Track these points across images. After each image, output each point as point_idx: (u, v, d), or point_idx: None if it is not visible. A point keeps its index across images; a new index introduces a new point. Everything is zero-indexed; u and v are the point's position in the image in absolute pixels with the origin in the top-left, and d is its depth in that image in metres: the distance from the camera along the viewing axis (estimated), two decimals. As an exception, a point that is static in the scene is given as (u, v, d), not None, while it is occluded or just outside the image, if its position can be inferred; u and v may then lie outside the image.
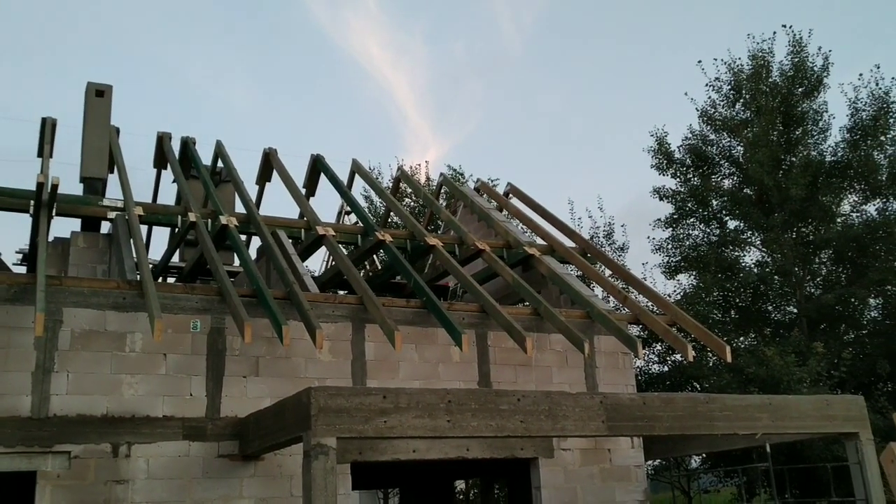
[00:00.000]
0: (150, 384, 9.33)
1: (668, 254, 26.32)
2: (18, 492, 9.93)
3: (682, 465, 24.16)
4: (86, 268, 12.39)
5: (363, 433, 7.57)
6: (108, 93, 13.15)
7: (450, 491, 18.47)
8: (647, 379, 24.11)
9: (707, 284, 23.69)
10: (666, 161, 26.72)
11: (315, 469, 7.18)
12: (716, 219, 26.17)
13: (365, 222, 13.56)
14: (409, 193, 28.67)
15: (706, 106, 26.37)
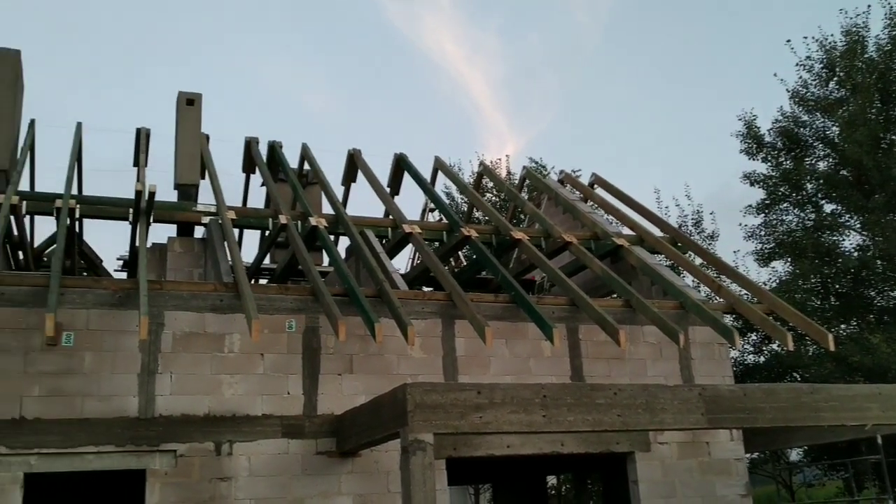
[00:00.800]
0: (248, 383, 9.56)
1: (761, 241, 25.56)
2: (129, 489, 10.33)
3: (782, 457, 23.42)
4: (182, 272, 12.78)
5: (459, 429, 7.57)
6: (197, 101, 13.53)
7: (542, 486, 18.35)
8: (742, 370, 23.46)
9: (804, 271, 22.89)
10: (756, 145, 25.94)
11: (413, 465, 7.21)
12: (811, 203, 25.26)
13: (450, 219, 13.57)
14: (490, 188, 28.63)
15: (797, 86, 25.49)
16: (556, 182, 17.24)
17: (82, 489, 12.26)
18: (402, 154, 15.78)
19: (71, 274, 12.22)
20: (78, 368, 8.99)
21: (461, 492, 30.34)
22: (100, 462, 8.87)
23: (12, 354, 8.79)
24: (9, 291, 8.98)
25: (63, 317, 8.85)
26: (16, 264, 12.90)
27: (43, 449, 8.64)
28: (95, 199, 11.77)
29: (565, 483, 26.93)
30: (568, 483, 26.46)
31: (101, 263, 14.61)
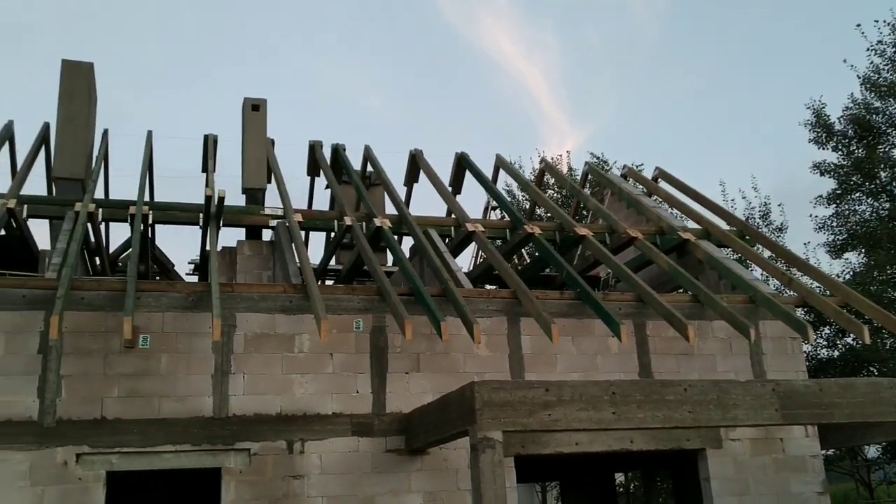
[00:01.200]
0: (318, 383, 9.72)
1: (832, 232, 24.87)
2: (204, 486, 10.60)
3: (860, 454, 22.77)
4: (252, 274, 13.06)
5: (528, 426, 7.57)
6: (262, 107, 13.79)
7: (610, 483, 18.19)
8: (816, 364, 22.86)
9: (879, 262, 22.19)
10: (825, 134, 25.24)
11: (483, 462, 7.25)
12: (885, 191, 24.45)
13: (513, 216, 13.56)
14: (552, 185, 28.48)
15: (868, 72, 24.70)
16: (619, 177, 17.07)
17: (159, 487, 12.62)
18: (464, 153, 15.83)
19: (145, 278, 12.59)
20: (155, 370, 9.27)
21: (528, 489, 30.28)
22: (177, 461, 9.13)
23: (93, 357, 9.11)
24: (88, 296, 9.31)
25: (139, 320, 9.14)
26: (93, 270, 13.33)
27: (123, 448, 8.93)
28: (167, 205, 12.09)
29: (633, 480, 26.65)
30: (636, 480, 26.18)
31: (173, 267, 15.00)
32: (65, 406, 8.88)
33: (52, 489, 8.58)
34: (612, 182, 16.30)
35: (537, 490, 30.39)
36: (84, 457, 8.80)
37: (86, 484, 8.72)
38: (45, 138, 13.56)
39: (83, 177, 12.55)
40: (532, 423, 7.56)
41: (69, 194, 12.25)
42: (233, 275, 13.10)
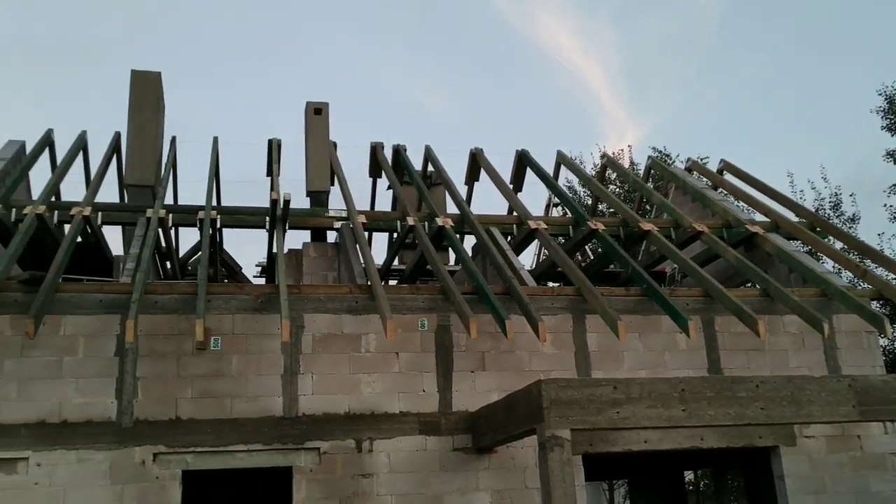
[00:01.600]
0: (385, 382, 9.81)
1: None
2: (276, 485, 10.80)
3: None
4: (317, 275, 13.25)
5: (596, 424, 7.52)
6: (325, 110, 13.98)
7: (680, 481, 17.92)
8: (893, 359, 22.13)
9: (958, 251, 21.37)
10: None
11: (551, 461, 7.22)
12: (963, 178, 23.55)
13: (575, 213, 13.48)
14: (613, 180, 28.20)
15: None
16: (683, 170, 16.81)
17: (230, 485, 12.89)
18: (524, 150, 15.78)
19: (214, 281, 12.87)
20: (226, 371, 9.48)
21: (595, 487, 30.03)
22: (250, 460, 9.32)
23: (167, 359, 9.37)
24: (161, 300, 9.57)
25: (210, 322, 9.35)
26: (164, 274, 13.69)
27: (198, 448, 9.16)
28: (234, 210, 12.35)
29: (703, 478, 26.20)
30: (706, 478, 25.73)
31: (241, 270, 15.32)
32: (141, 407, 9.15)
33: (132, 487, 8.85)
34: (675, 176, 16.05)
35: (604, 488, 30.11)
36: (161, 456, 9.06)
37: (163, 482, 8.97)
38: (116, 147, 13.97)
39: (153, 183, 12.90)
40: (600, 422, 7.51)
41: (140, 201, 12.61)
42: (299, 276, 13.31)
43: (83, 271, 12.04)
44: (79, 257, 11.79)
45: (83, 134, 14.12)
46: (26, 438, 8.76)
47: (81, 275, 11.46)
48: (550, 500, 7.15)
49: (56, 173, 12.87)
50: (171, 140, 14.56)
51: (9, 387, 8.89)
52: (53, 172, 13.47)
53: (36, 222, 10.64)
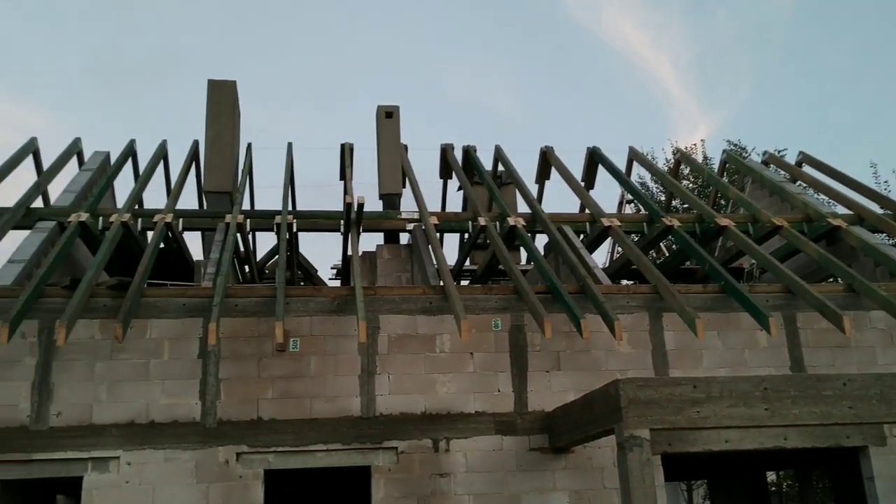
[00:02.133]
0: (460, 382, 9.86)
1: None
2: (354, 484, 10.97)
3: None
4: (391, 277, 13.40)
5: (675, 424, 7.42)
6: (395, 113, 14.12)
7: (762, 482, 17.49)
8: None
9: None
10: None
11: (630, 461, 7.15)
12: None
13: (649, 209, 13.30)
14: (686, 175, 27.70)
15: None
16: (760, 164, 16.42)
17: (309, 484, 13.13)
18: (596, 147, 15.65)
19: (291, 284, 13.13)
20: (305, 372, 9.66)
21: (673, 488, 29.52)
22: (329, 459, 9.48)
23: (248, 361, 9.60)
24: (241, 303, 9.81)
25: (289, 324, 9.55)
26: (243, 277, 14.04)
27: (279, 447, 9.36)
28: (309, 214, 12.58)
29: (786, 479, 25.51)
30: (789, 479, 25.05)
31: (316, 272, 15.59)
32: (224, 407, 9.40)
33: (216, 486, 9.10)
34: (752, 169, 15.69)
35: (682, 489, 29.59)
36: (243, 456, 9.29)
37: (246, 481, 9.19)
38: (195, 155, 14.40)
39: (231, 190, 13.24)
40: (680, 421, 7.40)
41: (219, 207, 12.96)
42: (373, 278, 13.48)
43: (166, 276, 12.44)
44: (161, 263, 12.18)
45: (163, 143, 14.60)
46: (117, 438, 9.10)
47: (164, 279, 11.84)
48: (630, 501, 7.09)
49: (139, 182, 13.33)
50: (247, 147, 14.93)
51: (100, 388, 9.25)
52: (136, 181, 13.97)
53: (122, 230, 11.05)
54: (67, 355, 9.27)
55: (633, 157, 16.61)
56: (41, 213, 11.61)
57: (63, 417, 9.11)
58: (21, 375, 9.18)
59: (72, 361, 9.29)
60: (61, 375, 9.24)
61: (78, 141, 13.96)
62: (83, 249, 12.11)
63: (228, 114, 13.72)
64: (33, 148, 13.20)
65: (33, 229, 11.23)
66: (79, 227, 11.02)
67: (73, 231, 10.84)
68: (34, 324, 9.33)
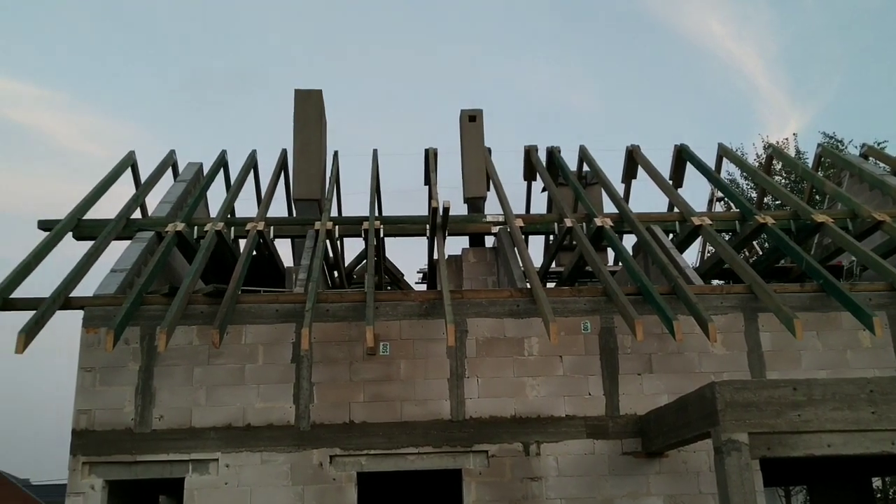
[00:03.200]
0: (550, 385, 9.78)
1: None
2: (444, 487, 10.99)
3: None
4: (477, 280, 13.41)
5: (776, 427, 7.20)
6: (479, 117, 14.14)
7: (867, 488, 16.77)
8: None
9: None
10: None
11: (728, 466, 6.97)
12: None
13: (741, 207, 12.92)
14: (778, 171, 26.87)
15: None
16: (858, 157, 15.77)
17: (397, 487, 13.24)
18: (683, 145, 15.32)
19: (379, 289, 13.29)
20: (395, 375, 9.76)
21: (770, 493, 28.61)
22: (420, 462, 9.54)
23: (339, 365, 9.75)
24: (332, 308, 9.98)
25: (379, 328, 9.66)
26: (332, 283, 14.27)
27: (371, 450, 9.48)
28: (395, 219, 12.69)
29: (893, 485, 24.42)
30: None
31: (403, 277, 15.73)
32: (317, 411, 9.57)
33: (311, 488, 9.28)
34: (849, 163, 15.08)
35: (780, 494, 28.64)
36: (337, 458, 9.44)
37: (339, 484, 9.34)
38: (283, 164, 14.72)
39: (319, 197, 13.49)
40: (780, 425, 7.18)
41: (307, 214, 13.23)
42: (459, 282, 13.51)
43: (258, 283, 12.76)
44: (254, 269, 12.50)
45: (253, 153, 14.98)
46: (216, 441, 9.38)
47: (257, 286, 12.14)
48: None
49: (231, 192, 13.71)
50: (334, 154, 15.18)
51: (199, 393, 9.54)
52: (228, 191, 14.37)
53: (216, 238, 11.39)
54: (167, 361, 9.61)
55: (722, 154, 16.19)
56: (140, 223, 12.05)
57: (165, 421, 9.44)
58: (125, 380, 9.57)
59: (172, 367, 9.62)
60: (162, 380, 9.58)
61: (173, 153, 14.44)
62: (179, 258, 12.53)
63: (315, 122, 13.98)
64: (131, 161, 13.73)
65: (133, 239, 11.67)
66: (175, 236, 11.40)
67: (170, 240, 11.22)
68: (136, 330, 9.71)
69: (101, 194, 12.41)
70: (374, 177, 14.04)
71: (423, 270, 15.94)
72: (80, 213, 11.75)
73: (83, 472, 9.28)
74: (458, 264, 13.78)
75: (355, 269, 15.68)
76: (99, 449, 9.32)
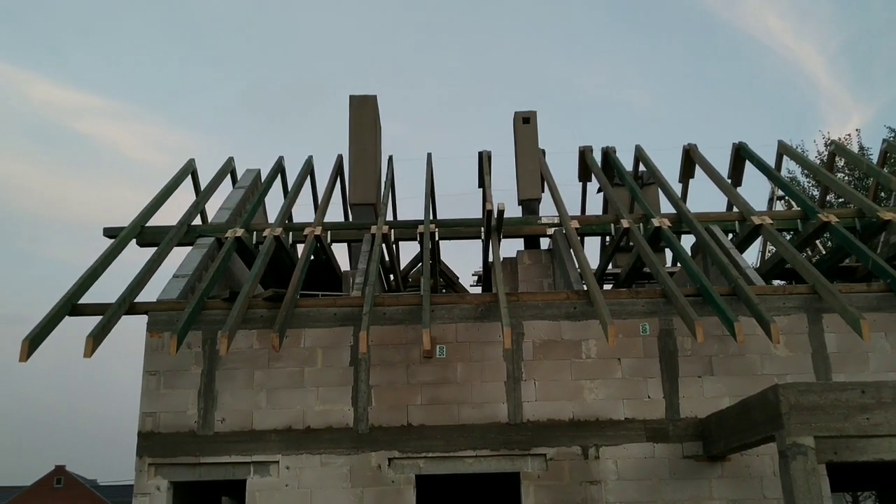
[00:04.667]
0: (608, 388, 9.69)
1: None
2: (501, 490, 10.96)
3: None
4: (532, 283, 13.34)
5: (843, 431, 7.02)
6: (533, 119, 14.09)
7: (939, 495, 16.19)
8: None
9: None
10: None
11: (794, 470, 6.81)
12: None
13: (803, 205, 12.63)
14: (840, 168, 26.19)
15: None
16: (927, 151, 15.27)
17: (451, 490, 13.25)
18: (742, 143, 15.04)
19: (434, 292, 13.32)
20: (452, 378, 9.77)
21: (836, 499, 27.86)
22: (478, 465, 9.54)
23: (397, 368, 9.81)
24: (389, 311, 10.04)
25: (435, 331, 9.69)
26: (388, 286, 14.36)
27: (429, 453, 9.51)
28: (450, 222, 12.71)
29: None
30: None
31: (458, 280, 15.75)
32: (375, 413, 9.64)
33: (370, 491, 9.35)
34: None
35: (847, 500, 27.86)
36: (395, 461, 9.49)
37: (398, 486, 9.39)
38: (339, 169, 14.87)
39: (375, 201, 13.58)
40: (848, 428, 7.00)
41: (363, 218, 13.33)
42: (515, 284, 13.47)
43: (316, 287, 12.91)
44: (312, 274, 12.64)
45: (310, 159, 15.16)
46: (276, 443, 9.51)
47: (314, 290, 12.29)
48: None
49: (288, 197, 13.89)
50: (389, 159, 15.28)
51: (259, 396, 9.70)
52: (285, 196, 14.57)
53: (274, 243, 11.55)
54: (229, 364, 9.78)
55: (782, 152, 15.84)
56: (201, 229, 12.30)
57: (227, 423, 9.61)
58: (188, 383, 9.77)
59: (233, 370, 9.79)
60: (224, 383, 9.75)
61: (231, 160, 14.70)
62: (239, 263, 12.75)
63: (370, 128, 14.10)
64: (191, 169, 14.02)
65: (194, 245, 11.92)
66: (235, 242, 11.60)
67: (230, 246, 11.42)
68: (198, 334, 9.91)
69: (162, 202, 12.70)
70: (428, 180, 14.08)
71: (478, 273, 15.92)
72: (142, 220, 12.04)
73: (149, 472, 9.50)
74: (513, 267, 13.72)
75: (410, 273, 15.75)
76: (164, 451, 9.54)
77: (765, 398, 7.40)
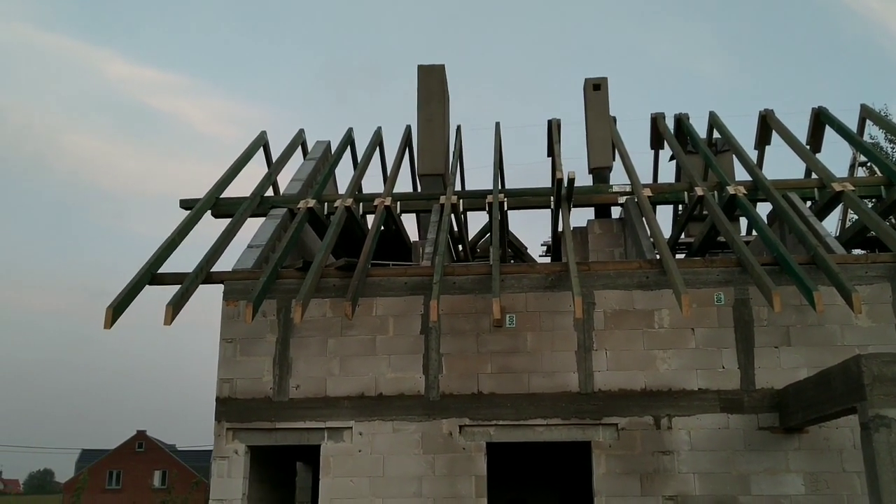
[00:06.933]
0: (681, 358, 9.56)
1: None
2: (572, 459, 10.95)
3: None
4: (603, 252, 13.20)
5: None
6: (603, 85, 13.86)
7: None
8: None
9: None
10: None
11: (877, 443, 6.62)
12: None
13: (888, 171, 12.15)
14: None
15: None
16: None
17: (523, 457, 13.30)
18: (822, 107, 14.52)
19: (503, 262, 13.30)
20: (522, 347, 9.77)
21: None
22: (549, 434, 9.55)
23: (467, 337, 9.86)
24: (459, 281, 10.08)
25: (505, 301, 9.68)
26: (456, 256, 14.39)
27: (499, 421, 9.56)
28: (519, 192, 12.65)
29: None
30: None
31: (526, 250, 15.69)
32: (446, 381, 9.72)
33: (441, 457, 9.46)
34: None
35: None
36: (466, 428, 9.57)
37: (469, 453, 9.47)
38: (408, 140, 14.91)
39: (443, 172, 13.59)
40: (935, 401, 6.73)
41: (432, 189, 13.36)
42: (585, 254, 13.35)
43: (386, 256, 13.02)
44: (382, 244, 12.75)
45: (378, 130, 15.24)
46: (349, 410, 9.69)
47: (385, 260, 12.39)
48: (877, 485, 6.57)
49: (358, 168, 14.01)
50: (457, 129, 15.24)
51: (332, 363, 9.87)
52: (355, 168, 14.69)
53: (345, 214, 11.68)
54: (303, 332, 9.97)
55: (865, 116, 15.23)
56: (273, 200, 12.51)
57: (301, 390, 9.82)
58: (263, 351, 10.00)
59: (307, 338, 9.98)
60: (298, 351, 9.95)
61: (302, 132, 14.87)
62: (311, 233, 12.94)
63: (438, 97, 14.08)
64: (263, 141, 14.23)
65: (267, 216, 12.13)
66: (307, 212, 11.76)
67: (302, 217, 11.59)
68: (273, 303, 10.12)
69: (236, 174, 12.94)
70: (497, 150, 14.01)
71: (546, 243, 15.82)
72: (217, 191, 12.29)
73: (227, 437, 9.79)
74: (583, 236, 13.60)
75: (479, 243, 15.75)
76: (241, 416, 9.81)
77: (846, 369, 7.19)
